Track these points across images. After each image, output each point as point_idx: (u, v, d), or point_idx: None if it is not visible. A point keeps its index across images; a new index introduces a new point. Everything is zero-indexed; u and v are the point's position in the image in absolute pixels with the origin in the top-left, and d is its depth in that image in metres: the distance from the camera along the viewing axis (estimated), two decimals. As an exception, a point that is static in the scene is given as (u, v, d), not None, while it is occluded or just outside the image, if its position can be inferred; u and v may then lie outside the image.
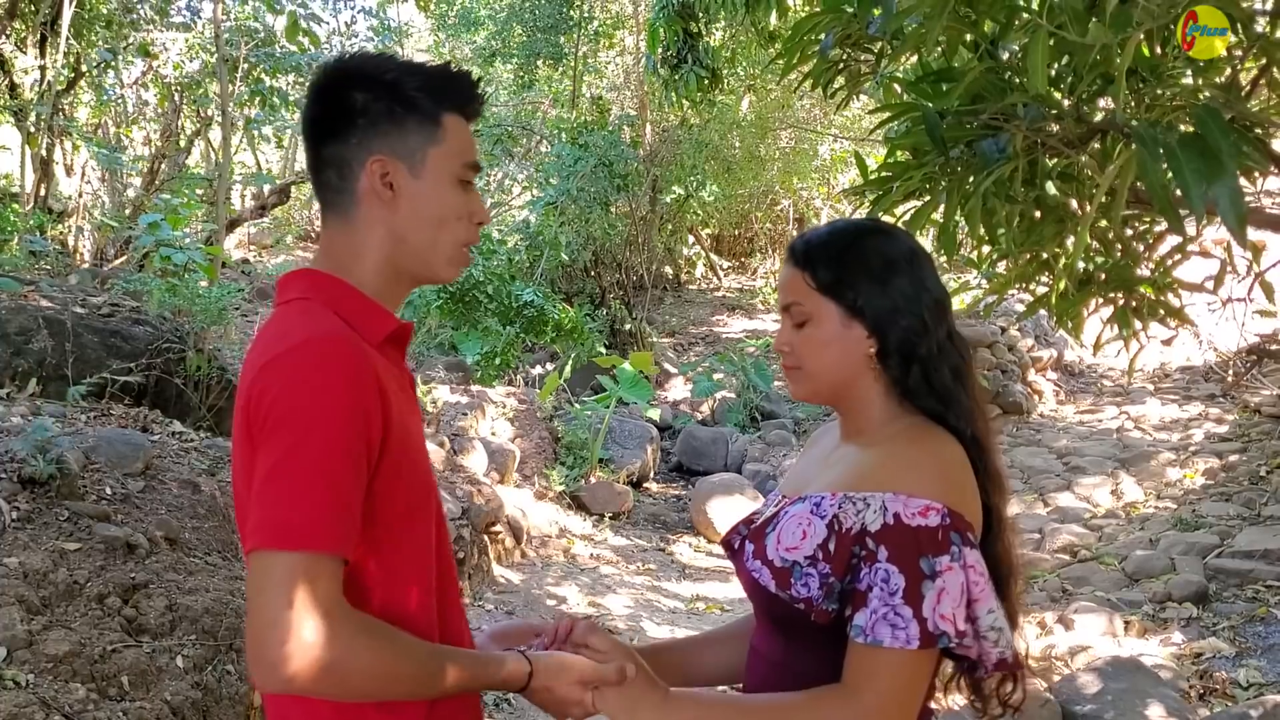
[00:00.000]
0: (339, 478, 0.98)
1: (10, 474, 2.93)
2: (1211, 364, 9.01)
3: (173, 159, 10.32)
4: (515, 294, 8.80)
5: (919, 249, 1.22)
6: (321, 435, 0.98)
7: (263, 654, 0.95)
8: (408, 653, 1.03)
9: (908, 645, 1.04)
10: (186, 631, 2.70)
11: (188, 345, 4.59)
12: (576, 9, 13.15)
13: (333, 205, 1.15)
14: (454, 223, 1.15)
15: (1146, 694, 3.44)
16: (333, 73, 1.15)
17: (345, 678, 0.97)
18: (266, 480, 0.98)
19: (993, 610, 1.09)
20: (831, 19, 2.14)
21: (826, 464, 1.25)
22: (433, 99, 1.13)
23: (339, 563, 0.99)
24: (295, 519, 0.96)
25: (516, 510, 5.89)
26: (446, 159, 1.14)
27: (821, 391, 1.23)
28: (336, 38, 11.99)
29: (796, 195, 14.37)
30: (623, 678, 1.12)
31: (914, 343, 1.16)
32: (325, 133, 1.14)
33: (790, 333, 1.23)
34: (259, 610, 0.95)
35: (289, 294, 1.14)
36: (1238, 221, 1.31)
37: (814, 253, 1.20)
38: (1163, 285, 2.19)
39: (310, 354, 1.02)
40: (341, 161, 1.13)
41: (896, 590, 1.05)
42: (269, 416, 1.00)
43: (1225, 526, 5.26)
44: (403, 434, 1.09)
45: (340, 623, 0.96)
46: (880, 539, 1.07)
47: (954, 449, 1.14)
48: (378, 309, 1.14)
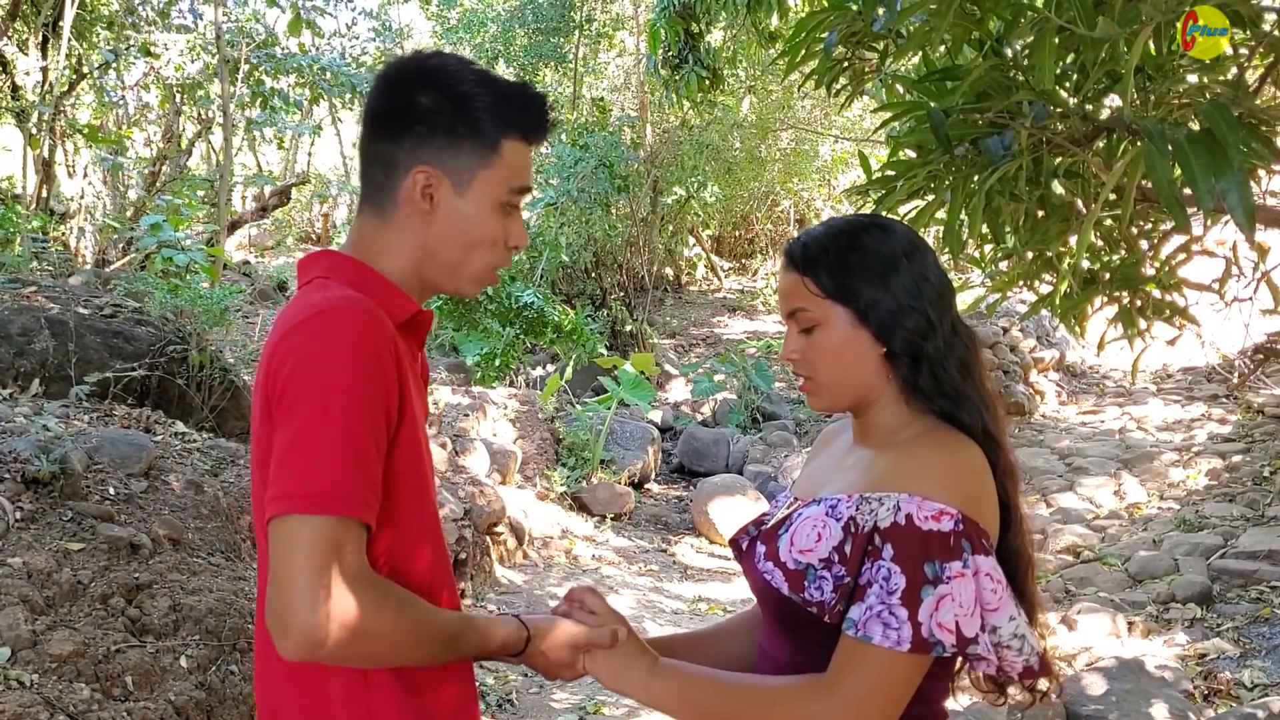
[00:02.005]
0: (362, 443, 0.98)
1: (14, 474, 2.93)
2: (1215, 364, 9.00)
3: (174, 160, 10.32)
4: (514, 295, 8.80)
5: (917, 239, 1.20)
6: (343, 401, 0.97)
7: (291, 620, 0.92)
8: (428, 619, 1.03)
9: (898, 646, 1.02)
10: (190, 632, 2.70)
11: (190, 346, 4.59)
12: (577, 10, 13.16)
13: (372, 200, 1.14)
14: (487, 246, 1.14)
15: (1150, 695, 3.44)
16: (406, 69, 1.13)
17: (372, 643, 0.96)
18: (290, 446, 0.97)
19: (1014, 618, 1.08)
20: (835, 17, 2.14)
21: (841, 467, 1.23)
22: (498, 120, 1.10)
23: (364, 528, 0.98)
24: (322, 484, 0.95)
25: (518, 511, 5.89)
26: (494, 184, 1.11)
27: (841, 400, 1.21)
28: (337, 39, 12.01)
29: (797, 196, 14.38)
30: (614, 642, 1.13)
31: (920, 342, 1.15)
32: (382, 128, 1.12)
33: (798, 340, 1.20)
34: (287, 576, 0.93)
35: (310, 274, 1.13)
36: (1246, 216, 1.31)
37: (814, 256, 1.18)
38: (1168, 285, 2.18)
39: (328, 320, 1.01)
40: (390, 161, 1.11)
41: (896, 590, 1.04)
42: (290, 383, 0.99)
43: (1229, 527, 5.25)
44: (410, 415, 1.08)
45: (369, 588, 0.96)
46: (887, 536, 1.06)
47: (973, 453, 1.12)
48: (398, 293, 1.13)
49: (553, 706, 3.79)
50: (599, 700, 3.84)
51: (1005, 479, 1.15)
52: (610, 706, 3.80)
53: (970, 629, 1.04)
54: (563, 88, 13.92)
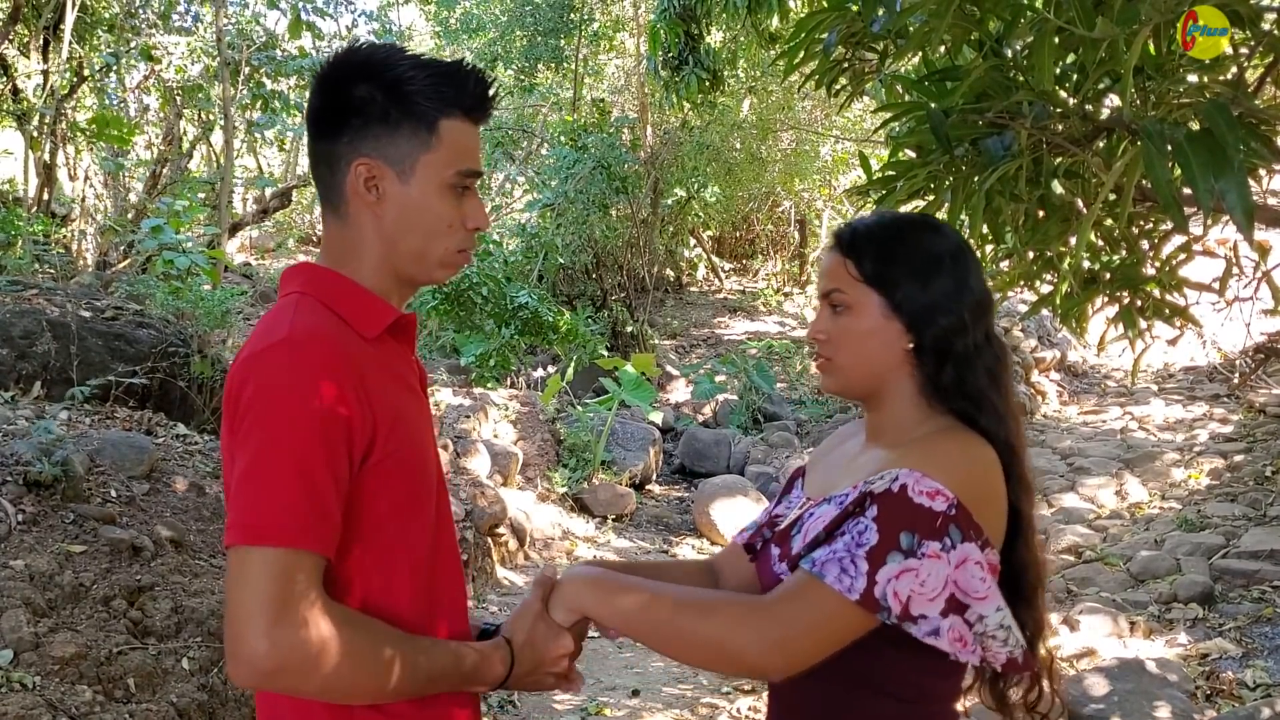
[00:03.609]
0: (313, 475, 0.98)
1: (15, 477, 2.93)
2: (1216, 364, 9.00)
3: (175, 163, 10.33)
4: (511, 296, 8.80)
5: (965, 245, 1.20)
6: (293, 433, 0.98)
7: (240, 649, 0.94)
8: (388, 647, 1.01)
9: (847, 594, 1.02)
10: (192, 634, 2.70)
11: (191, 348, 4.60)
12: (577, 12, 13.16)
13: (327, 201, 1.14)
14: (445, 231, 1.12)
15: (1153, 695, 3.44)
16: (337, 64, 1.12)
17: (323, 674, 0.96)
18: (243, 476, 0.98)
19: (1000, 609, 1.07)
20: (835, 17, 2.14)
21: (852, 466, 1.23)
22: (434, 101, 1.09)
23: (317, 559, 0.98)
24: (269, 515, 0.96)
25: (520, 512, 5.89)
26: (438, 167, 1.10)
27: (854, 385, 1.21)
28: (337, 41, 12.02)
29: (798, 197, 14.37)
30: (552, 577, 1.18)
31: (950, 341, 1.15)
32: (321, 127, 1.12)
33: (827, 320, 1.20)
34: (236, 605, 0.95)
35: (289, 288, 1.14)
36: (1246, 215, 1.31)
37: (860, 241, 1.19)
38: (1168, 284, 2.18)
39: (286, 353, 1.01)
40: (332, 158, 1.11)
41: (865, 545, 1.04)
42: (246, 413, 1.00)
43: (1230, 527, 5.25)
44: (398, 428, 1.07)
45: (320, 619, 0.95)
46: (876, 500, 1.06)
47: (986, 451, 1.12)
48: (376, 301, 1.12)
49: (554, 707, 3.79)
50: (600, 701, 3.84)
51: (1020, 489, 1.14)
52: (612, 707, 3.80)
53: (918, 609, 1.02)
54: (563, 89, 13.93)
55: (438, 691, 1.07)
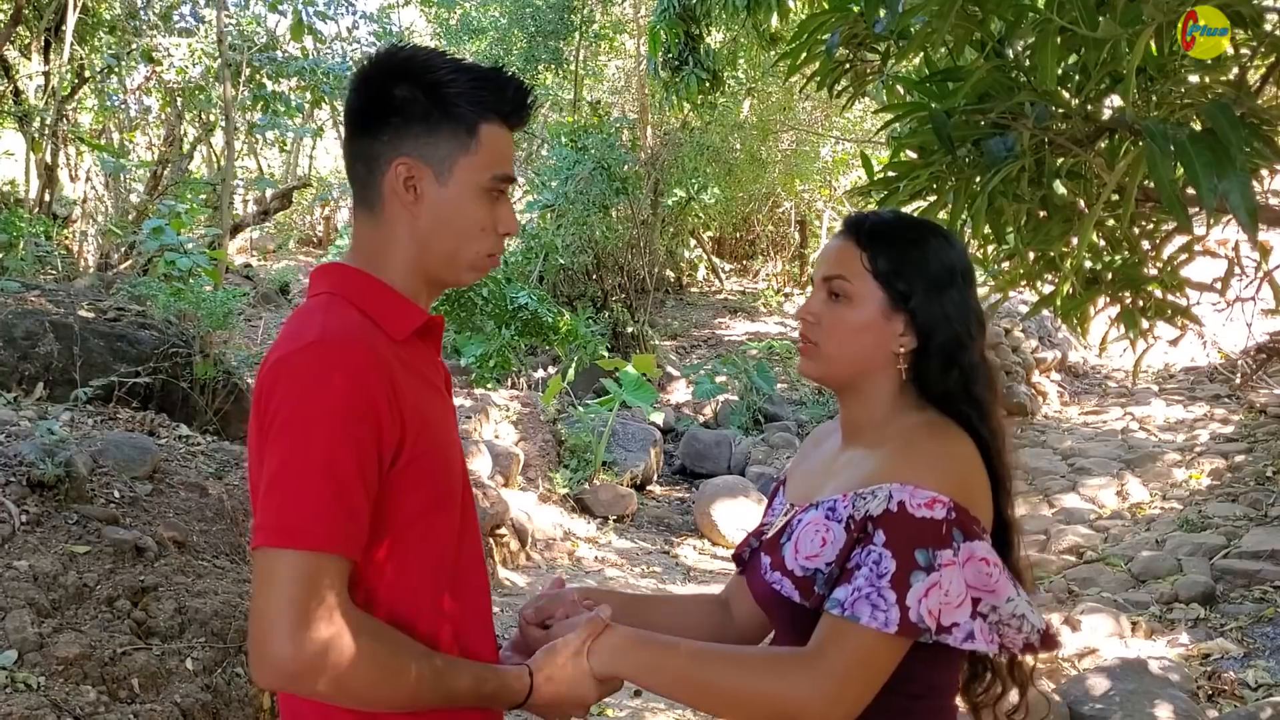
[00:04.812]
0: (343, 479, 0.98)
1: (19, 478, 2.94)
2: (1217, 364, 9.00)
3: (176, 164, 10.34)
4: (510, 297, 8.80)
5: (971, 266, 1.22)
6: (324, 437, 0.98)
7: (265, 652, 0.94)
8: (411, 660, 1.01)
9: (885, 628, 1.02)
10: (196, 634, 2.70)
11: (193, 349, 4.60)
12: (577, 14, 13.16)
13: (362, 199, 1.14)
14: (477, 234, 1.13)
15: (1154, 695, 3.44)
16: (379, 64, 1.12)
17: (345, 680, 0.96)
18: (273, 478, 0.98)
19: (1012, 599, 1.08)
20: (837, 18, 2.15)
21: (832, 470, 1.23)
22: (473, 105, 1.10)
23: (344, 563, 0.98)
24: (299, 518, 0.96)
25: (521, 513, 5.90)
26: (476, 170, 1.11)
27: (835, 375, 1.21)
28: (338, 42, 12.03)
29: (798, 197, 14.37)
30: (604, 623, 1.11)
31: (957, 350, 1.16)
32: (361, 125, 1.12)
33: (821, 304, 1.20)
34: (263, 608, 0.95)
35: (318, 288, 1.14)
36: (1249, 215, 1.31)
37: (880, 235, 1.18)
38: (1170, 285, 2.18)
39: (316, 356, 1.02)
40: (371, 156, 1.12)
41: (885, 574, 1.04)
42: (276, 416, 1.00)
43: (1232, 527, 5.26)
44: (426, 431, 1.07)
45: (344, 624, 0.96)
46: (879, 523, 1.06)
47: (967, 445, 1.13)
48: (405, 303, 1.13)
49: (557, 708, 3.78)
50: (603, 703, 3.84)
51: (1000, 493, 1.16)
52: (614, 708, 3.80)
53: (949, 619, 1.04)
54: (563, 90, 13.94)
55: (455, 708, 1.07)
